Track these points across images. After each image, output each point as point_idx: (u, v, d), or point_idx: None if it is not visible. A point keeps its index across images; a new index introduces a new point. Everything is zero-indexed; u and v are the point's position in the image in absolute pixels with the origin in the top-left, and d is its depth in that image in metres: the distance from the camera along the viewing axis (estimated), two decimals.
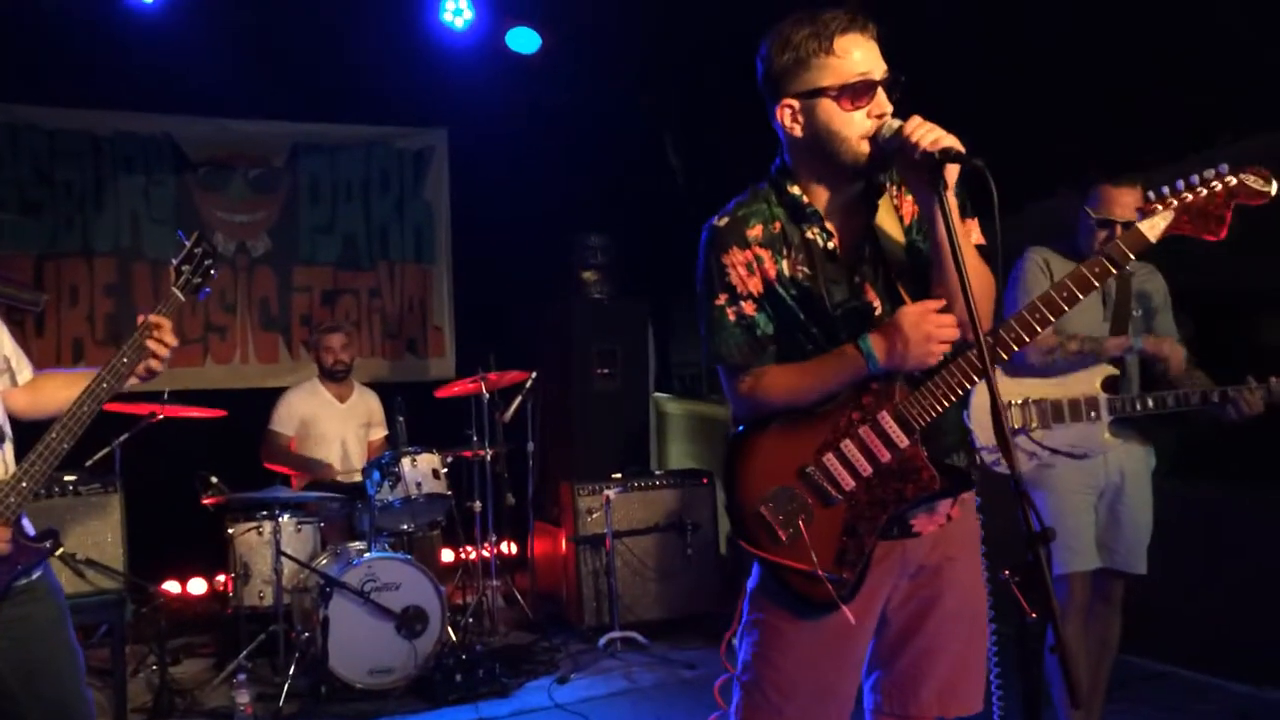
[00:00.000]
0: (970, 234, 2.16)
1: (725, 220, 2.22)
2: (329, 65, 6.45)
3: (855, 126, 2.07)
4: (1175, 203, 2.17)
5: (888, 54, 2.12)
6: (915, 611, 2.23)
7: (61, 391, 2.61)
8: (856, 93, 2.06)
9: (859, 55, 2.06)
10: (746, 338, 2.21)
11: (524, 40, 6.31)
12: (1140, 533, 3.60)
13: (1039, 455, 3.50)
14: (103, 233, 6.69)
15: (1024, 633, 2.03)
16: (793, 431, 2.19)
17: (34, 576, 2.50)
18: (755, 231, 2.18)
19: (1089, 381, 3.46)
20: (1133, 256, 2.14)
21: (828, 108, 2.08)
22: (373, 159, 7.42)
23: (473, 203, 7.45)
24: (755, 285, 2.18)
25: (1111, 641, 3.72)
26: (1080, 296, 2.12)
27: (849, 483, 2.14)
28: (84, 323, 6.64)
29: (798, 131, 2.14)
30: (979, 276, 2.04)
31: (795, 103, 2.12)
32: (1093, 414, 3.45)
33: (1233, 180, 2.15)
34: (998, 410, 1.90)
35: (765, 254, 2.18)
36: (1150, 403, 3.42)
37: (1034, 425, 3.51)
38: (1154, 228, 2.16)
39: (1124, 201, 3.36)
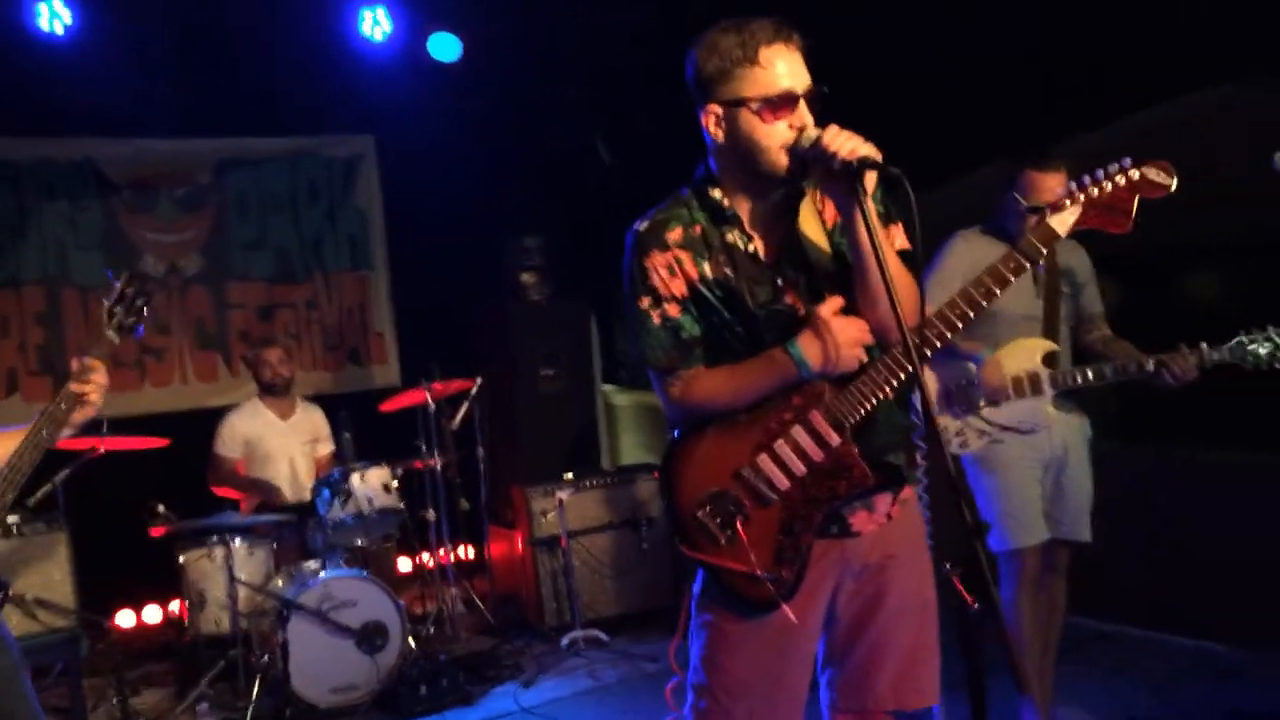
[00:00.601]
0: (893, 239, 2.21)
1: (645, 225, 2.26)
2: (249, 80, 6.35)
3: (775, 137, 2.11)
4: (1082, 197, 2.24)
5: (813, 63, 2.15)
6: (862, 608, 2.27)
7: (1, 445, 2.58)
8: (777, 105, 2.10)
9: (782, 67, 2.10)
10: (671, 340, 2.24)
11: (445, 47, 6.26)
12: (1083, 501, 3.72)
13: (989, 432, 3.59)
14: (29, 262, 6.55)
15: (966, 622, 2.10)
16: (727, 434, 2.22)
17: None
18: (675, 235, 2.22)
19: (1030, 358, 3.55)
20: (1044, 251, 2.21)
21: (749, 118, 2.12)
22: (300, 170, 7.33)
23: (407, 208, 7.39)
24: (679, 288, 2.22)
25: (1060, 607, 3.83)
26: (997, 292, 2.19)
27: (783, 482, 2.17)
28: (16, 354, 6.51)
29: (721, 137, 2.18)
30: (901, 280, 2.09)
31: (719, 109, 2.16)
32: (1036, 389, 3.55)
33: (1135, 174, 2.22)
34: (928, 408, 1.97)
35: (685, 256, 2.21)
36: (1090, 375, 3.52)
37: (982, 404, 3.61)
38: (1063, 223, 2.23)
39: (1050, 186, 3.43)
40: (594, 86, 6.94)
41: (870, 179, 2.03)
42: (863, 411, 2.15)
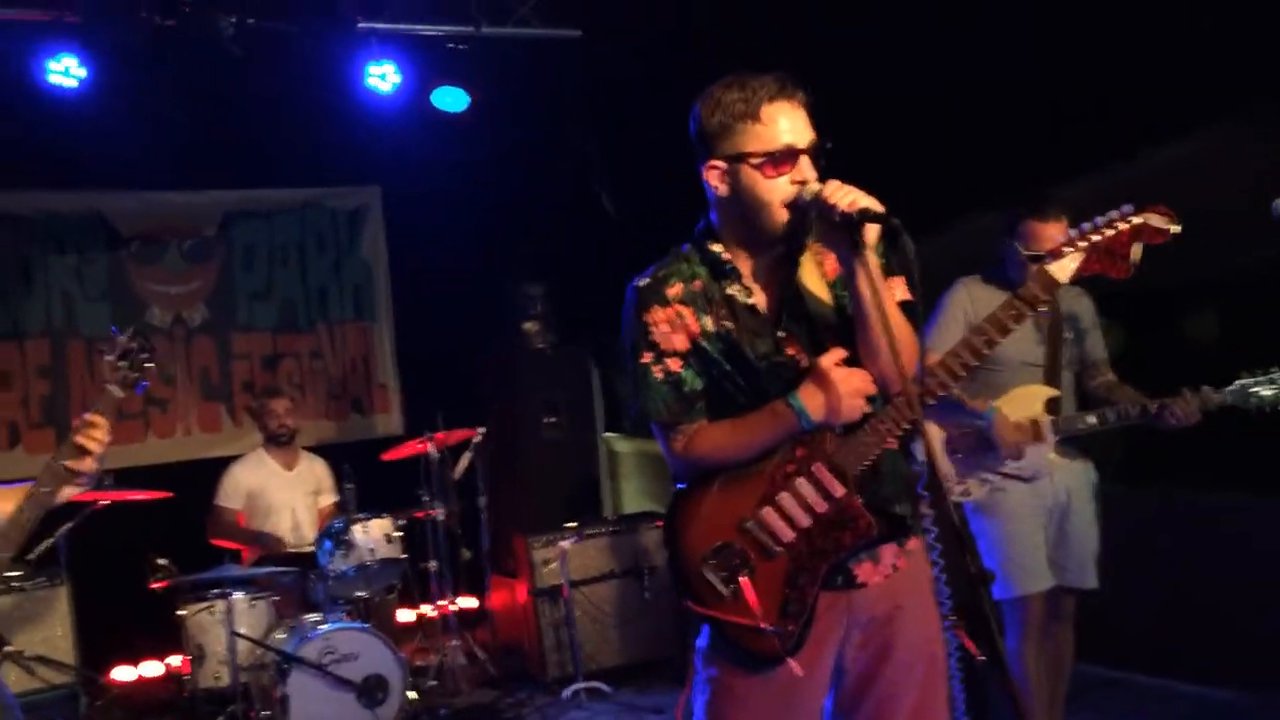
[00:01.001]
0: (893, 291, 2.21)
1: (646, 281, 2.28)
2: (256, 132, 6.44)
3: (777, 192, 2.13)
4: (1084, 244, 2.24)
5: (818, 118, 2.17)
6: (870, 660, 2.25)
7: (1, 504, 2.57)
8: (779, 160, 2.12)
9: (785, 124, 2.12)
10: (674, 394, 2.24)
11: (451, 99, 6.34)
12: (1088, 547, 3.69)
13: (991, 480, 3.59)
14: (33, 314, 6.60)
15: (972, 673, 2.08)
16: (731, 486, 2.22)
17: None
18: (675, 290, 2.24)
19: (1031, 405, 3.55)
20: (1044, 298, 2.22)
21: (750, 173, 2.13)
22: (307, 221, 7.40)
23: (411, 258, 7.45)
24: (680, 342, 2.23)
25: (1066, 655, 3.80)
26: (999, 339, 2.20)
27: (788, 534, 2.16)
28: (18, 407, 6.53)
29: (723, 191, 2.20)
30: (902, 332, 2.10)
31: (721, 164, 2.18)
32: (1038, 436, 3.54)
33: (1137, 219, 2.23)
34: (932, 457, 1.97)
35: (686, 311, 2.23)
36: (1092, 420, 3.52)
37: (1007, 465, 3.60)
38: (1064, 269, 2.24)
39: (1050, 235, 3.44)
40: (597, 137, 7.02)
41: (871, 231, 2.05)
42: (866, 462, 2.16)
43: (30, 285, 6.59)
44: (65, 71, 5.44)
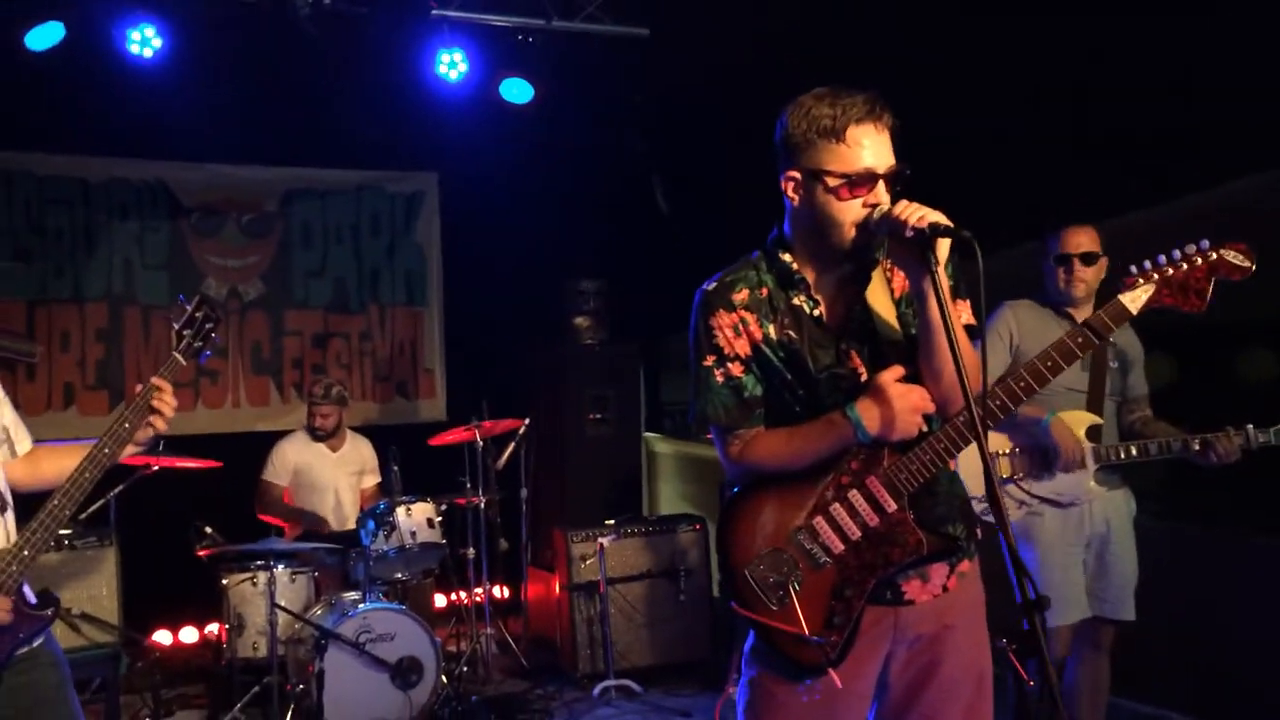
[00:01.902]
0: (960, 314, 2.21)
1: (713, 285, 2.29)
2: (321, 112, 6.50)
3: (849, 213, 2.14)
4: (1156, 276, 2.22)
5: (900, 142, 2.16)
6: (915, 679, 2.25)
7: (59, 463, 2.61)
8: (855, 184, 2.12)
9: (868, 147, 2.12)
10: (734, 399, 2.26)
11: (517, 91, 6.37)
12: (1127, 579, 3.66)
13: (1027, 503, 3.57)
14: (94, 279, 6.70)
15: (1024, 700, 2.06)
16: (784, 494, 2.23)
17: (35, 644, 2.50)
18: (741, 296, 2.25)
19: (1074, 430, 3.52)
20: (1114, 328, 2.22)
21: (826, 191, 2.14)
22: (364, 203, 7.46)
23: (464, 247, 7.49)
24: (743, 347, 2.24)
25: (1103, 686, 3.77)
26: (1064, 366, 2.21)
27: (838, 546, 2.17)
28: (75, 368, 6.63)
29: (797, 202, 2.21)
30: (965, 352, 2.08)
31: (799, 175, 2.18)
32: (1080, 463, 3.51)
33: (1213, 255, 2.21)
34: (992, 483, 1.94)
35: (751, 317, 2.24)
36: (1134, 450, 3.51)
37: (1020, 475, 3.58)
38: (1135, 300, 2.22)
39: (1077, 240, 3.56)
40: (657, 137, 7.03)
41: (943, 249, 2.04)
42: (921, 480, 2.16)
43: (93, 250, 6.69)
44: (144, 40, 5.52)
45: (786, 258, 2.25)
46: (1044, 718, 1.86)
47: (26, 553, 2.41)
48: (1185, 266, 2.22)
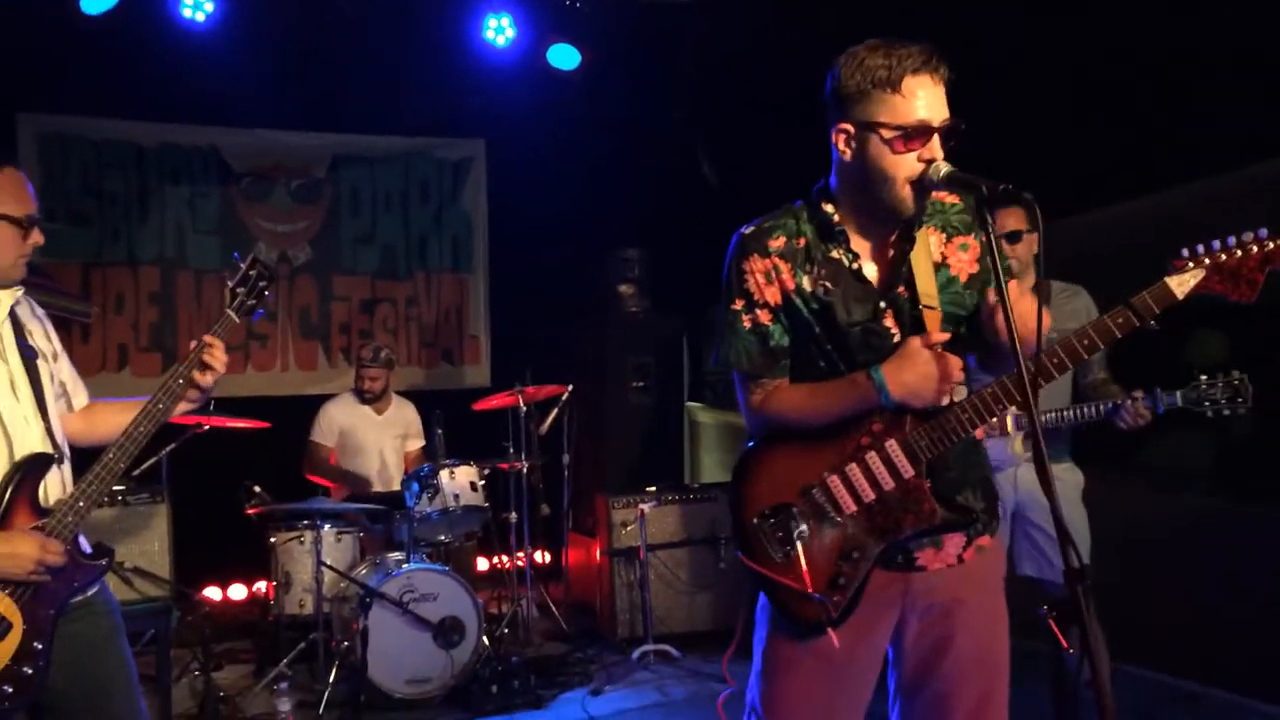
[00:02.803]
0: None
1: (751, 229, 2.25)
2: (370, 78, 6.55)
3: (903, 168, 2.07)
4: (1208, 261, 2.14)
5: (954, 97, 2.12)
6: (929, 651, 2.22)
7: (114, 418, 2.67)
8: (910, 136, 2.06)
9: (923, 98, 2.06)
10: (759, 346, 2.23)
11: (564, 57, 6.37)
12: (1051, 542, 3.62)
13: None
14: (147, 242, 6.82)
15: (1060, 669, 2.05)
16: (802, 450, 2.21)
17: (90, 593, 2.56)
18: (777, 243, 2.21)
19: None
20: (1158, 311, 2.11)
21: (879, 144, 2.08)
22: (412, 169, 7.51)
23: (510, 213, 7.52)
24: (773, 295, 2.21)
25: None
26: (1100, 345, 2.12)
27: (850, 506, 2.15)
28: (129, 330, 6.77)
29: (848, 156, 2.14)
30: (1021, 315, 2.03)
31: (851, 128, 2.12)
32: (1002, 429, 3.59)
33: (1270, 245, 2.11)
34: (1039, 448, 1.91)
35: (785, 266, 2.20)
36: (1050, 416, 3.56)
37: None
38: (1183, 285, 2.13)
39: (1003, 222, 3.53)
40: (704, 106, 6.99)
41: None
42: (942, 448, 2.12)
43: (146, 214, 6.81)
44: (196, 5, 5.58)
45: (829, 209, 2.21)
46: (1082, 686, 1.85)
47: (82, 503, 2.47)
48: (1239, 254, 2.13)
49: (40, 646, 2.40)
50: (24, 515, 2.42)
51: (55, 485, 2.52)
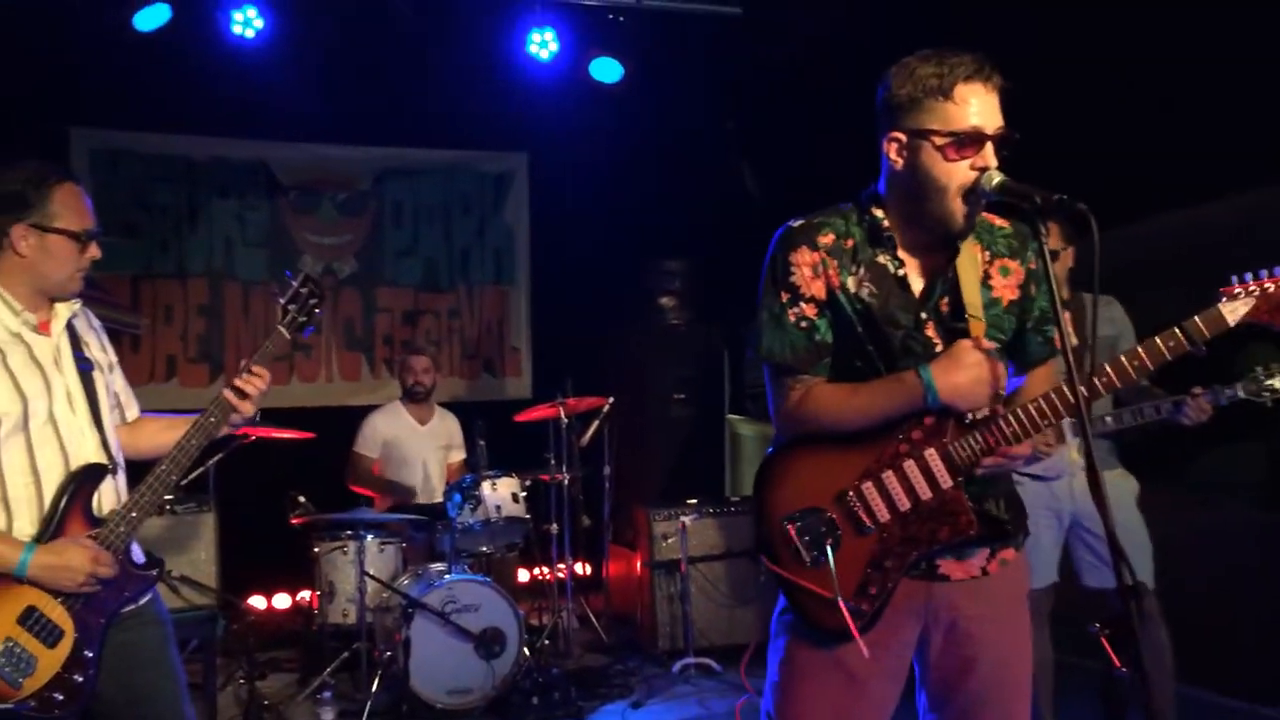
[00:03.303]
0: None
1: (799, 223, 2.22)
2: (414, 93, 6.62)
3: (956, 176, 2.05)
4: (1257, 291, 2.11)
5: (1009, 107, 2.10)
6: (955, 668, 2.19)
7: (161, 434, 2.71)
8: (963, 143, 2.03)
9: (975, 106, 2.04)
10: (806, 340, 2.19)
11: (607, 70, 6.40)
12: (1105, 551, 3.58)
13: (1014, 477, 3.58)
14: (196, 255, 6.93)
15: (1111, 685, 2.02)
16: (835, 454, 2.16)
17: (141, 603, 2.59)
18: (826, 239, 2.18)
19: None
20: (1208, 335, 2.09)
21: (932, 152, 2.06)
22: (454, 182, 7.58)
23: (552, 226, 7.56)
24: (819, 289, 2.18)
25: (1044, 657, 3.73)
26: (1150, 367, 2.10)
27: (885, 514, 2.12)
28: (177, 341, 6.87)
29: (899, 165, 2.12)
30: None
31: (903, 137, 2.10)
32: (1060, 437, 3.51)
33: None
34: (1093, 464, 1.88)
35: (832, 262, 2.17)
36: (1109, 420, 3.55)
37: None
38: (1234, 312, 2.10)
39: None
40: (745, 118, 6.99)
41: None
42: (981, 460, 2.09)
43: (195, 227, 6.92)
44: (246, 21, 5.68)
45: (879, 213, 2.19)
46: (1135, 703, 1.82)
47: (135, 514, 2.51)
48: None
49: (91, 655, 2.44)
50: (78, 525, 2.46)
51: (110, 495, 2.56)
